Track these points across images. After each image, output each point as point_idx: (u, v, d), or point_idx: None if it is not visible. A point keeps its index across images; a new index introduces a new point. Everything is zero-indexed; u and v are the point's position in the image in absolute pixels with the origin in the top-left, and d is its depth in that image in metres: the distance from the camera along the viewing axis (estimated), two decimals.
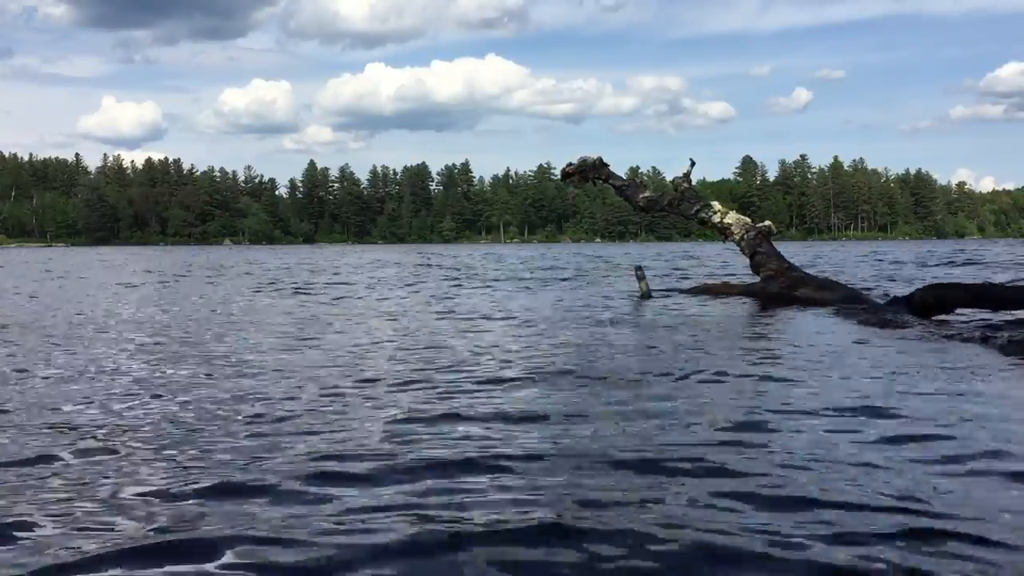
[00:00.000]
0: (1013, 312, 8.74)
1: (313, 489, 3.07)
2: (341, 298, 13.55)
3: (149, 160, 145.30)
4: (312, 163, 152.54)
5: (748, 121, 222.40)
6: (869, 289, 13.20)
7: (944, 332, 7.39)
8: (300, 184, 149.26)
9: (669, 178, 16.20)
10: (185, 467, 3.41)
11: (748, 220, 13.22)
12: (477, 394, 4.89)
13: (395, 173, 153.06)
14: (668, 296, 13.14)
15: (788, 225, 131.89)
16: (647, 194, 14.06)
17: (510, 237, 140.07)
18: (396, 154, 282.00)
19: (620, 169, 14.56)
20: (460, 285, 17.14)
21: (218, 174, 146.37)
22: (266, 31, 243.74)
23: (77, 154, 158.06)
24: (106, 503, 2.97)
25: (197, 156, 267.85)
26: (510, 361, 6.21)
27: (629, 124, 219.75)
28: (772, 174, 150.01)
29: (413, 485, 3.11)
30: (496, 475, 3.23)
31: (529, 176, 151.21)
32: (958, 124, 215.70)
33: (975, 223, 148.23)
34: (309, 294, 14.67)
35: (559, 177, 15.29)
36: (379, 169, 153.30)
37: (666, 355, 6.53)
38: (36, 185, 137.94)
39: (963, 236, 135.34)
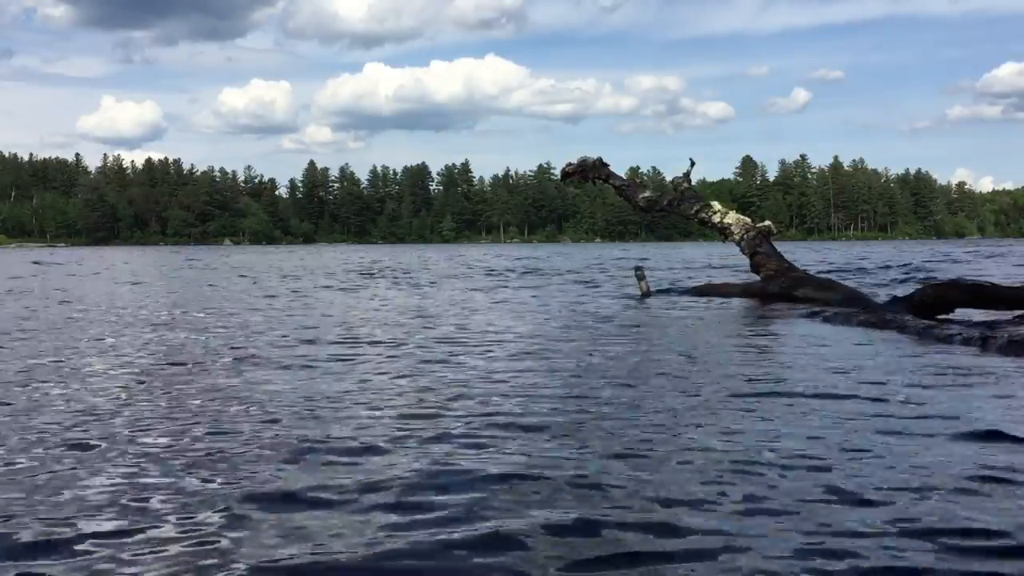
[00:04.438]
0: (1013, 312, 8.74)
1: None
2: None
3: (149, 160, 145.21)
4: (312, 163, 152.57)
5: (747, 121, 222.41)
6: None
7: (944, 332, 7.39)
8: (300, 184, 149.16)
9: (669, 178, 16.21)
10: None
11: (748, 220, 13.22)
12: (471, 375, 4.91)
13: (395, 173, 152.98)
14: (668, 296, 13.15)
15: (788, 225, 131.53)
16: (647, 194, 14.07)
17: (510, 237, 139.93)
18: (395, 154, 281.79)
19: (620, 169, 14.57)
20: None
21: (218, 174, 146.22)
22: (265, 31, 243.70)
23: (77, 154, 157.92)
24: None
25: (197, 156, 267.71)
26: (512, 351, 6.23)
27: (628, 124, 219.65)
28: (772, 174, 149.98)
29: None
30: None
31: (529, 176, 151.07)
32: (956, 124, 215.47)
33: (975, 223, 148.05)
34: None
35: (559, 177, 15.29)
36: (379, 169, 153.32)
37: (664, 356, 6.54)
38: (36, 185, 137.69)
39: (963, 236, 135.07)
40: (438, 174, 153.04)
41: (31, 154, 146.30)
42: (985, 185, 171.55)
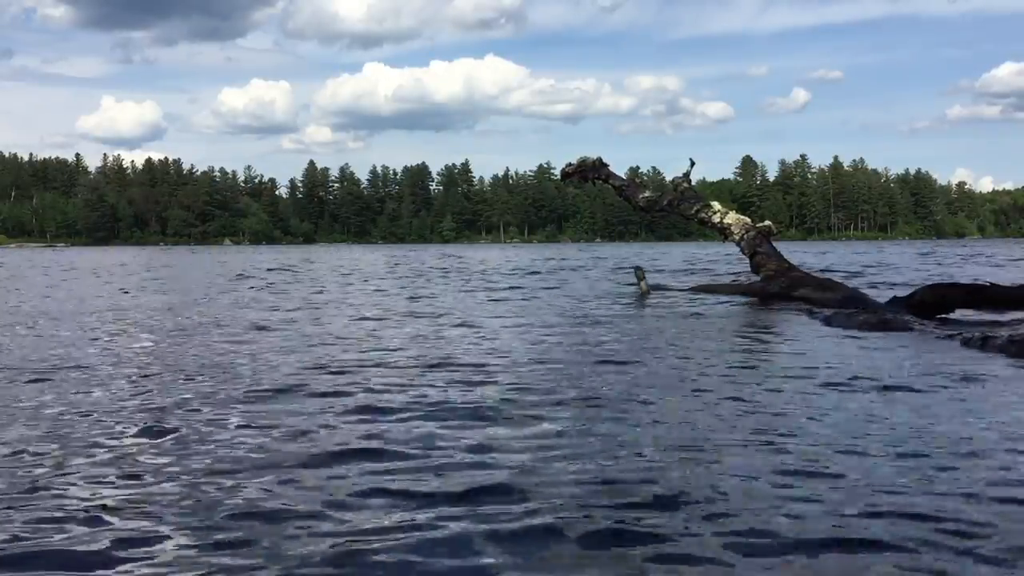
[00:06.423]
0: (1013, 312, 8.74)
1: None
2: None
3: (149, 160, 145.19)
4: (312, 163, 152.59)
5: (746, 121, 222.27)
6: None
7: (944, 332, 7.39)
8: (300, 184, 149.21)
9: (669, 178, 16.23)
10: None
11: (748, 220, 13.22)
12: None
13: (395, 173, 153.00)
14: (668, 296, 13.15)
15: (788, 225, 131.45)
16: (647, 194, 14.07)
17: (510, 237, 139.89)
18: (395, 154, 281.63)
19: (620, 169, 14.58)
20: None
21: (218, 174, 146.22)
22: (265, 31, 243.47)
23: (77, 154, 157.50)
24: None
25: (197, 156, 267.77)
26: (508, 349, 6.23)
27: (627, 124, 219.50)
28: (772, 174, 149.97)
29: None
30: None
31: (529, 176, 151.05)
32: (956, 124, 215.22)
33: (975, 223, 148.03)
34: None
35: (559, 177, 15.31)
36: (379, 169, 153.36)
37: (664, 355, 6.54)
38: (36, 185, 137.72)
39: (963, 236, 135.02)
40: (438, 174, 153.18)
41: (31, 154, 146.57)
42: (985, 185, 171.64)
